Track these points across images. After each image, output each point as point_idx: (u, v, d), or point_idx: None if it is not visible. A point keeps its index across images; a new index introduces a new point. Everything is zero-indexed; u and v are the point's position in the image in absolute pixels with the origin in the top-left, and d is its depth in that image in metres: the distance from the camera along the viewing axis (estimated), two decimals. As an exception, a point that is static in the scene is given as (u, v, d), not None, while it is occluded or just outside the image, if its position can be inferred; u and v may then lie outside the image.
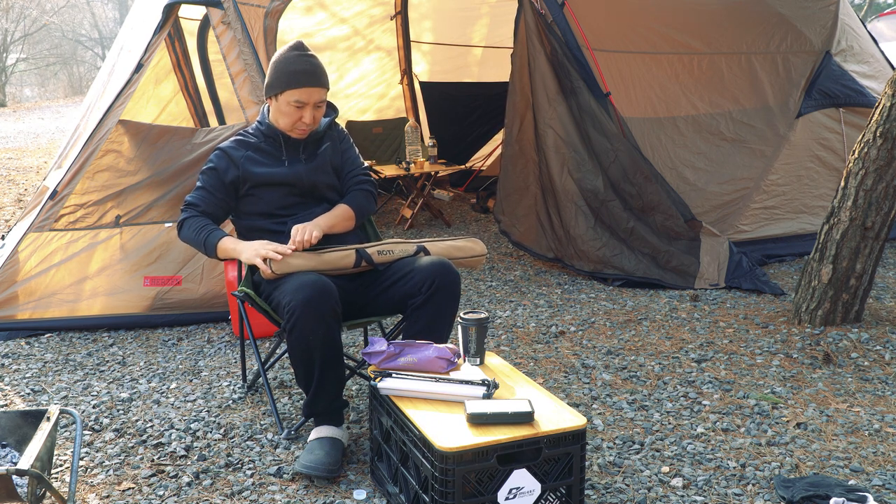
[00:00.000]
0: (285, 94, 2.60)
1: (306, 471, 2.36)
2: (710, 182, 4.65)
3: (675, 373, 3.17)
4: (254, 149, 2.71)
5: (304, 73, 2.59)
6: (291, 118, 2.64)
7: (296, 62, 2.60)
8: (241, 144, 2.73)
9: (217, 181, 2.69)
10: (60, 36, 26.59)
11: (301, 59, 2.61)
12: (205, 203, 2.68)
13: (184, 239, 2.69)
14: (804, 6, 5.05)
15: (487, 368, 2.37)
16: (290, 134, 2.70)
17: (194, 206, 2.68)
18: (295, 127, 2.67)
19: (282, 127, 2.69)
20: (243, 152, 2.70)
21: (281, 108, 2.64)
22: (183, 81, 4.64)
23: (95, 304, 3.81)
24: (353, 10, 6.70)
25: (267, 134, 2.72)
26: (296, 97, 2.60)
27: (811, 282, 3.60)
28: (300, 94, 2.59)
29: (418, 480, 2.05)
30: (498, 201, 4.89)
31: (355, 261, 2.57)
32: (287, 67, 2.60)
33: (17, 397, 3.07)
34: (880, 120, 3.42)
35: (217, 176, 2.69)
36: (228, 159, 2.69)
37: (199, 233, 2.62)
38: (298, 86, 2.59)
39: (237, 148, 2.72)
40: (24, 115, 16.45)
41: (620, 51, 4.66)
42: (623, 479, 2.38)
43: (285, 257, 2.47)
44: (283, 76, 2.60)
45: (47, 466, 2.14)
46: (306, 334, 2.35)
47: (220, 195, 2.69)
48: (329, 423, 2.49)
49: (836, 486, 2.23)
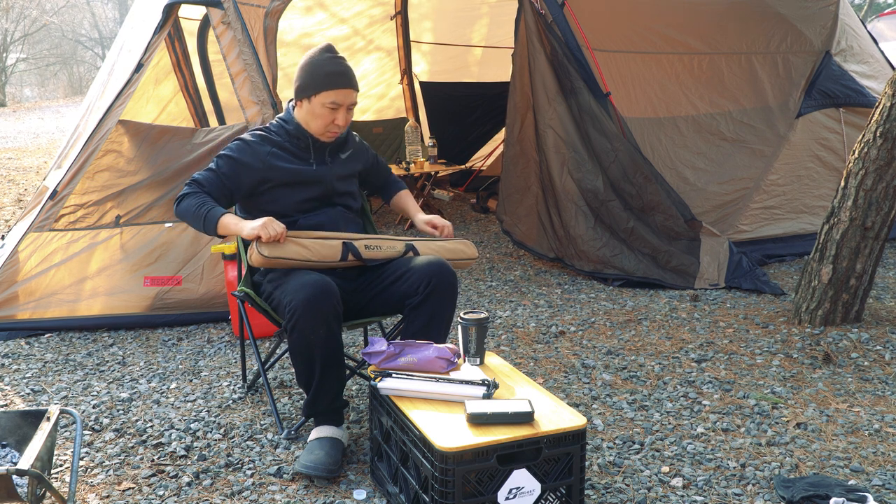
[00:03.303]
0: (320, 96, 2.57)
1: (306, 471, 2.36)
2: (710, 182, 4.65)
3: (675, 373, 3.17)
4: (278, 147, 2.65)
5: (338, 75, 2.58)
6: (325, 120, 2.60)
7: (329, 64, 2.58)
8: (265, 140, 2.66)
9: (232, 170, 2.60)
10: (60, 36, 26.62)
11: (334, 61, 2.59)
12: (210, 185, 2.58)
13: (180, 212, 2.55)
14: (804, 6, 5.06)
15: (487, 368, 2.37)
16: (320, 137, 2.65)
17: (199, 185, 2.57)
18: (327, 129, 2.63)
19: (313, 130, 2.64)
20: (268, 148, 2.64)
21: (314, 110, 2.60)
22: (183, 81, 4.64)
23: (95, 304, 3.81)
24: (353, 10, 6.69)
25: (294, 135, 2.66)
26: (331, 99, 2.57)
27: (811, 282, 3.61)
28: (335, 95, 2.57)
29: (418, 480, 2.05)
30: (500, 201, 4.89)
31: (342, 252, 2.54)
32: (321, 69, 2.57)
33: (17, 397, 3.07)
34: (880, 120, 3.42)
35: (234, 165, 2.60)
36: (252, 152, 2.62)
37: (199, 208, 2.50)
38: (334, 87, 2.56)
39: (261, 143, 2.65)
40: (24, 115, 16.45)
41: (620, 51, 4.66)
42: (623, 479, 2.38)
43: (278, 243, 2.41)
44: (318, 78, 2.57)
45: (47, 466, 2.14)
46: (307, 333, 2.35)
47: (230, 184, 2.60)
48: (329, 423, 2.49)
49: (836, 486, 2.23)
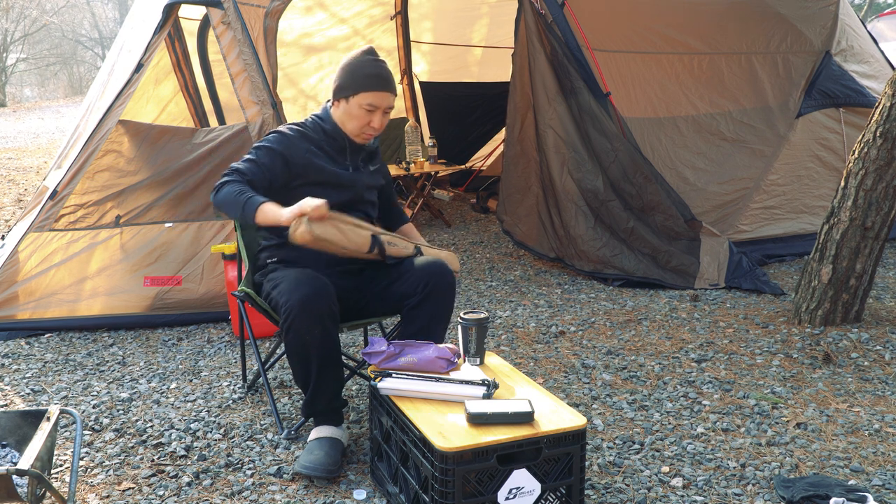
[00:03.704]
0: (358, 97, 2.56)
1: (306, 471, 2.36)
2: (710, 182, 4.65)
3: (675, 373, 3.17)
4: (316, 145, 2.64)
5: (378, 77, 2.57)
6: (360, 122, 2.60)
7: (370, 66, 2.58)
8: (304, 137, 2.63)
9: (272, 161, 2.56)
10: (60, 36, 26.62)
11: (374, 63, 2.59)
12: (252, 175, 2.53)
13: (219, 199, 2.50)
14: (804, 6, 5.06)
15: (487, 368, 2.37)
16: (355, 139, 2.65)
17: (240, 174, 2.52)
18: (362, 131, 2.62)
19: (348, 130, 2.63)
20: (306, 145, 2.62)
21: (351, 110, 2.59)
22: (183, 81, 4.64)
23: (95, 304, 3.81)
24: (353, 10, 6.69)
25: (331, 135, 2.65)
26: (369, 100, 2.56)
27: (811, 282, 3.60)
28: (373, 97, 2.56)
29: (418, 480, 2.05)
30: (500, 201, 4.89)
31: (370, 244, 2.52)
32: (361, 71, 2.57)
33: (17, 397, 3.07)
34: (880, 120, 3.42)
35: (274, 156, 2.57)
36: (292, 146, 2.60)
37: (239, 195, 2.44)
38: (372, 89, 2.56)
39: (300, 139, 2.62)
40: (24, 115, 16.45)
41: (620, 51, 4.66)
42: (623, 479, 2.38)
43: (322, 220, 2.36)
44: (358, 79, 2.57)
45: (47, 466, 2.14)
46: (302, 334, 2.36)
47: (270, 175, 2.56)
48: (328, 423, 2.49)
49: (836, 486, 2.23)
